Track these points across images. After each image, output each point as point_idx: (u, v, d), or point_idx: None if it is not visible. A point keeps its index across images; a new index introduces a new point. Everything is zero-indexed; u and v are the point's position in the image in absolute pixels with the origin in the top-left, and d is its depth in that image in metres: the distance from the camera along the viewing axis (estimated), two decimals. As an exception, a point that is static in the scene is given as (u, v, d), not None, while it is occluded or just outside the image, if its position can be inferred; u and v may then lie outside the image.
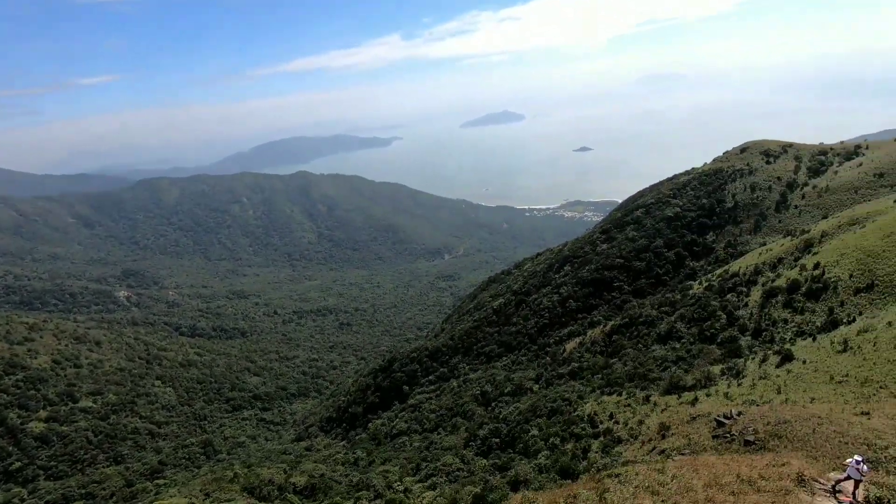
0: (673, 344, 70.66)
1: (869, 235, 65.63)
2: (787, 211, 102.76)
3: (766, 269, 74.70)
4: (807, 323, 58.63)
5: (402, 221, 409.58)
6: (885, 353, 40.51)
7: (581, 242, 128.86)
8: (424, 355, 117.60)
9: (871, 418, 29.05)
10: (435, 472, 55.72)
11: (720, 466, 17.58)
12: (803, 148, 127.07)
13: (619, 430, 46.20)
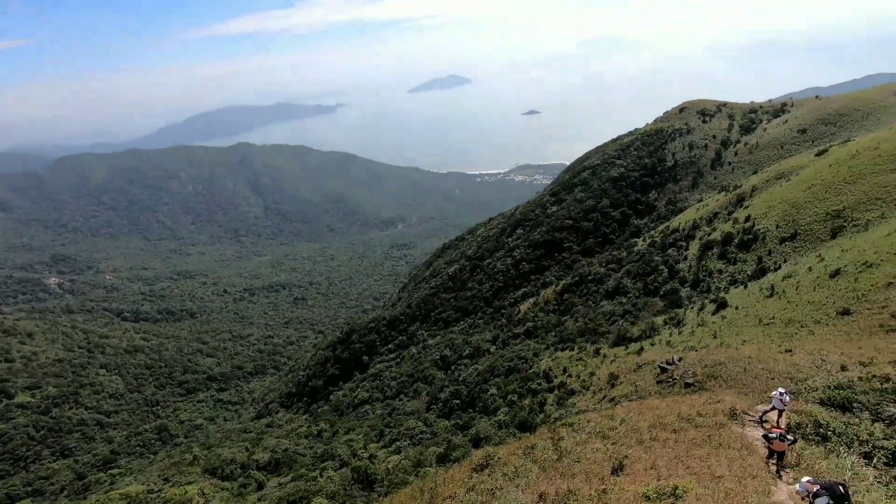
0: (620, 299, 74.29)
1: (793, 188, 70.52)
2: (722, 167, 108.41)
3: (703, 224, 79.09)
4: (739, 272, 63.00)
5: (353, 192, 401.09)
6: (805, 295, 44.31)
7: (532, 206, 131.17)
8: (382, 325, 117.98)
9: (794, 355, 31.95)
10: (399, 437, 56.94)
11: (663, 408, 18.88)
12: (736, 107, 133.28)
13: (572, 383, 48.64)
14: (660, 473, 11.85)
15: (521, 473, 16.33)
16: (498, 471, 17.87)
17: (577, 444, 17.17)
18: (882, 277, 39.18)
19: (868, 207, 57.25)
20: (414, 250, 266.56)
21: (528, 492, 14.00)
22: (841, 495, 7.51)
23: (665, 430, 15.83)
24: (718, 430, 14.78)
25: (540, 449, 18.52)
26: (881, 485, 10.84)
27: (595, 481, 12.55)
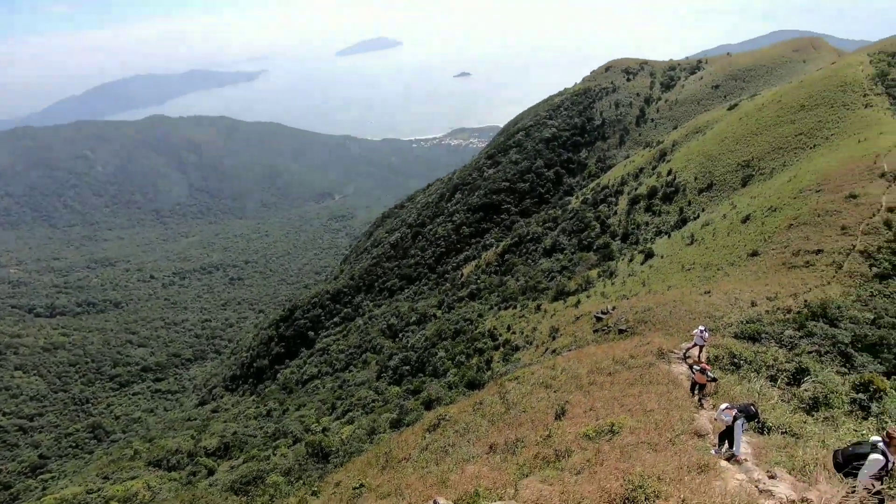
0: (557, 256, 77.34)
1: (708, 141, 75.33)
2: (646, 124, 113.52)
3: (630, 179, 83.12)
4: (663, 223, 67.25)
5: (285, 164, 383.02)
6: (720, 240, 48.18)
7: (469, 170, 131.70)
8: (326, 299, 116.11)
9: (712, 295, 34.93)
10: (351, 408, 57.21)
11: (599, 354, 20.12)
12: (657, 65, 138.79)
13: (516, 339, 50.64)
14: (598, 414, 12.71)
15: (471, 428, 16.97)
16: (450, 429, 18.47)
17: (523, 395, 18.01)
18: (784, 220, 43.25)
19: (772, 157, 62.40)
20: (353, 221, 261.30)
21: (479, 444, 14.59)
22: (753, 414, 8.41)
23: (602, 374, 16.91)
24: (648, 370, 16.00)
25: (488, 404, 19.29)
26: (783, 402, 12.29)
27: (540, 428, 13.26)
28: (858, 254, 35.08)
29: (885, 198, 39.41)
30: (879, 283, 32.37)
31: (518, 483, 9.29)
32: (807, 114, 65.25)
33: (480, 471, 11.37)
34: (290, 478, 35.42)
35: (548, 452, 10.91)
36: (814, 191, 44.84)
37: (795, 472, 7.67)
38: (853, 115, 60.73)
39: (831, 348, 22.54)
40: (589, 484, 8.01)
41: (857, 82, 66.29)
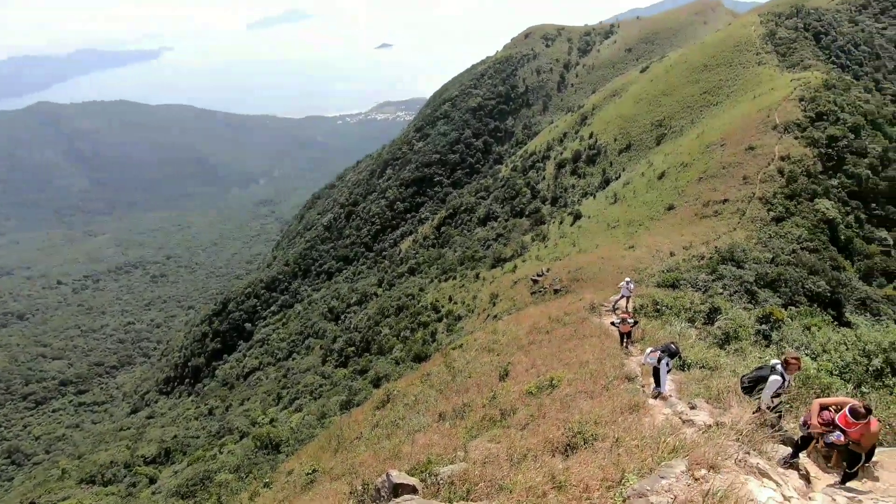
0: (492, 224, 78.88)
1: (624, 103, 78.89)
2: (567, 89, 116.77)
3: (555, 145, 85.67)
4: (588, 185, 70.30)
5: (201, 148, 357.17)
6: (640, 197, 51.20)
7: (398, 144, 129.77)
8: (261, 288, 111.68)
9: (635, 250, 37.30)
10: (298, 395, 56.16)
11: (537, 314, 20.95)
12: (573, 30, 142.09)
13: (458, 309, 51.55)
14: (539, 371, 13.30)
15: (420, 400, 17.20)
16: (399, 403, 18.63)
17: (468, 362, 18.46)
18: (695, 174, 46.63)
19: (681, 115, 66.58)
20: (282, 205, 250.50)
21: (429, 414, 14.85)
22: (674, 352, 9.14)
23: (540, 333, 17.65)
24: (582, 324, 16.90)
25: (435, 374, 19.62)
26: (700, 340, 13.50)
27: (486, 390, 13.69)
28: (758, 200, 38.69)
29: (777, 147, 43.44)
30: (776, 226, 36.02)
31: (467, 445, 9.57)
32: (709, 73, 69.91)
33: (431, 439, 11.60)
34: (240, 474, 34.46)
35: (494, 413, 11.30)
36: (718, 145, 48.54)
37: (712, 401, 8.49)
38: (748, 72, 65.83)
39: (739, 287, 24.94)
40: (533, 437, 8.39)
41: (750, 42, 71.68)
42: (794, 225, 35.63)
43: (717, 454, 5.02)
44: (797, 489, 5.30)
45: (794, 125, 45.53)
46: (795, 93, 50.29)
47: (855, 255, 36.48)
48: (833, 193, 39.55)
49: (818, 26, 77.87)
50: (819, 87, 50.74)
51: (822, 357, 11.05)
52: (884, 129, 48.44)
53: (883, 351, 10.36)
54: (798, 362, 7.20)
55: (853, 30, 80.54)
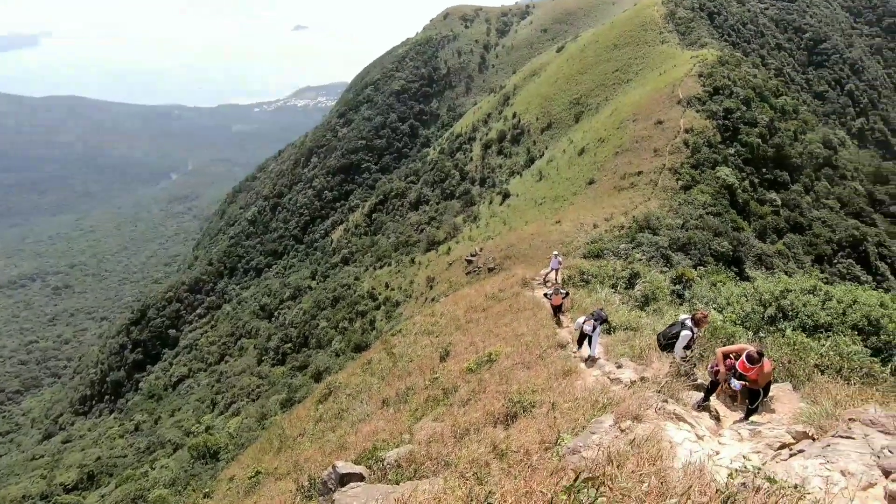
0: (424, 208, 78.91)
1: (544, 83, 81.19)
2: (488, 70, 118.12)
3: (480, 126, 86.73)
4: (514, 164, 72.05)
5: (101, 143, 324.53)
6: (563, 173, 53.32)
7: (322, 131, 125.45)
8: (183, 291, 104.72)
9: (562, 224, 38.92)
10: (235, 399, 53.80)
11: (473, 294, 21.38)
12: (491, 11, 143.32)
13: (395, 295, 51.44)
14: (477, 347, 13.64)
15: (363, 389, 17.09)
16: (341, 395, 18.40)
17: (408, 346, 18.54)
18: (611, 148, 49.19)
19: (596, 93, 69.68)
20: (199, 201, 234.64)
21: (372, 402, 14.81)
22: (603, 317, 9.75)
23: (477, 312, 18.06)
24: (516, 299, 17.48)
25: (376, 362, 19.54)
26: (623, 304, 14.47)
27: (427, 372, 13.85)
28: (668, 171, 41.61)
29: (682, 121, 46.79)
30: (684, 194, 39.01)
31: (412, 427, 9.68)
32: (619, 52, 73.51)
33: (376, 426, 11.61)
34: (177, 488, 32.64)
35: (436, 393, 11.48)
36: (631, 120, 51.44)
37: (636, 359, 9.17)
38: (654, 50, 69.98)
39: (655, 253, 26.86)
40: (475, 411, 8.63)
41: (654, 22, 76.07)
42: (699, 192, 38.78)
43: (640, 406, 5.46)
44: (709, 428, 5.90)
45: (695, 99, 49.21)
46: (695, 69, 54.25)
47: (751, 216, 40.45)
48: (731, 161, 43.41)
49: (711, 7, 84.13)
50: (715, 64, 55.07)
51: (727, 309, 12.23)
52: (769, 100, 53.66)
53: (775, 299, 11.65)
54: (706, 318, 7.98)
55: (741, 10, 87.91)
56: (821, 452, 4.11)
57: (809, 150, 50.95)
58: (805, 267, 36.41)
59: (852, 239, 42.84)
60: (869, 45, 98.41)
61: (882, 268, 42.74)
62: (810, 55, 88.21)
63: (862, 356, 8.65)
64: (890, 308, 11.11)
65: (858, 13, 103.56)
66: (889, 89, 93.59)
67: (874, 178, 55.86)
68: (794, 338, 9.09)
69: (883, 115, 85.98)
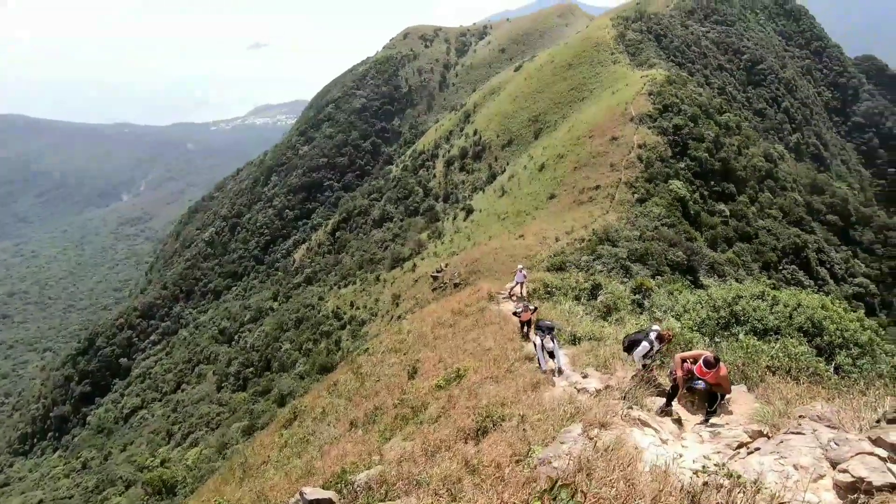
0: (388, 225, 78.62)
1: (503, 101, 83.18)
2: (448, 89, 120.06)
3: (442, 143, 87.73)
4: (477, 180, 73.07)
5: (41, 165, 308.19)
6: (525, 189, 54.45)
7: (282, 149, 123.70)
8: (135, 317, 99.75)
9: (525, 238, 39.63)
10: (193, 429, 51.29)
11: (439, 310, 21.34)
12: (450, 31, 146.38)
13: (361, 314, 50.73)
14: (446, 364, 13.59)
15: (329, 412, 16.66)
16: (307, 418, 17.86)
17: (375, 365, 18.25)
18: (570, 164, 50.71)
19: (554, 111, 71.93)
20: (153, 222, 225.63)
21: (340, 425, 14.45)
22: (547, 326, 9.97)
23: (444, 327, 18.02)
24: (482, 313, 17.58)
25: (343, 383, 19.10)
26: (587, 315, 14.80)
27: (396, 391, 13.66)
28: (624, 185, 43.19)
29: (635, 137, 48.84)
30: (640, 206, 40.55)
31: (382, 448, 9.50)
32: (574, 71, 76.36)
33: (345, 448, 11.32)
34: (130, 527, 30.69)
35: (406, 411, 11.34)
36: (587, 137, 53.29)
37: (601, 368, 9.38)
38: (606, 70, 73.09)
39: (615, 264, 27.70)
40: (445, 428, 8.58)
41: (605, 43, 79.61)
42: (654, 204, 40.43)
43: (606, 413, 5.59)
44: (672, 432, 6.10)
45: (646, 117, 51.57)
46: (645, 88, 56.96)
47: (702, 227, 42.43)
48: (682, 175, 45.56)
49: (658, 29, 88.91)
50: (663, 83, 58.01)
51: (684, 316, 12.73)
52: (714, 117, 56.86)
53: (728, 305, 12.22)
54: (670, 339, 8.40)
55: (685, 33, 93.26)
56: (775, 449, 4.33)
57: (752, 164, 54.12)
58: (754, 274, 38.37)
59: (795, 246, 45.57)
60: (800, 67, 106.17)
61: (822, 272, 45.57)
62: (749, 75, 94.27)
63: (808, 356, 9.17)
64: (830, 310, 11.85)
65: (789, 37, 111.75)
66: (819, 107, 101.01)
67: (811, 189, 59.83)
68: (746, 341, 9.55)
69: (815, 130, 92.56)
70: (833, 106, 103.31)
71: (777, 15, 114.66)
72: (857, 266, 51.20)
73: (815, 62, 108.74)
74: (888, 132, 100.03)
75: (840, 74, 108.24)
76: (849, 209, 58.19)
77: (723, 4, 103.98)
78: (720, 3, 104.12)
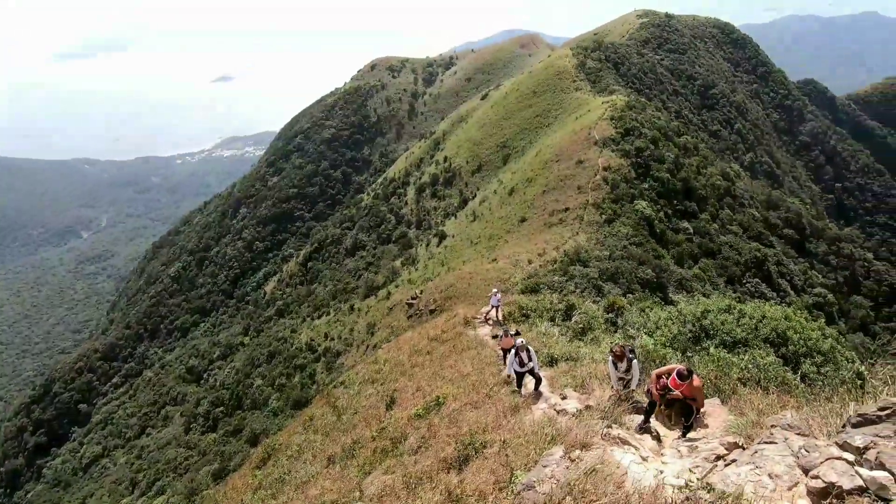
0: (361, 253, 78.08)
1: (471, 128, 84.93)
2: (417, 117, 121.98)
3: (413, 170, 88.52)
4: (449, 206, 73.72)
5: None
6: (496, 213, 55.19)
7: (250, 181, 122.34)
8: (96, 359, 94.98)
9: (498, 262, 39.94)
10: (159, 476, 48.52)
11: (416, 338, 21.16)
12: (416, 62, 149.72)
13: (336, 345, 49.70)
14: (424, 392, 13.41)
15: (305, 448, 16.10)
16: (282, 457, 17.19)
17: (352, 397, 17.84)
18: (539, 188, 51.81)
19: (521, 136, 73.79)
20: (115, 260, 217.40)
21: (317, 461, 13.97)
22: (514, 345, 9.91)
23: (421, 355, 17.84)
24: (459, 339, 17.51)
25: (319, 417, 18.54)
26: (562, 335, 14.93)
27: (374, 423, 13.35)
28: (592, 206, 44.32)
29: (600, 160, 50.45)
30: (608, 227, 41.59)
31: (362, 483, 9.23)
32: (539, 98, 78.89)
33: (323, 486, 10.94)
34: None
35: (385, 444, 11.08)
36: (554, 161, 54.74)
37: (578, 389, 9.43)
38: (569, 97, 75.79)
39: (587, 284, 28.16)
40: (427, 458, 8.41)
41: (567, 71, 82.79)
42: (621, 224, 41.55)
43: (587, 434, 5.61)
44: (651, 449, 6.15)
45: (610, 140, 53.47)
46: (607, 113, 59.24)
47: (668, 245, 43.74)
48: (646, 195, 47.13)
49: (616, 58, 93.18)
50: (624, 108, 60.49)
51: (657, 333, 12.97)
52: (673, 139, 59.41)
53: (697, 320, 12.54)
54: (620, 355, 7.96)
55: (641, 60, 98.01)
56: (750, 459, 4.42)
57: (712, 183, 56.50)
58: (720, 288, 39.59)
59: (756, 260, 47.36)
60: (749, 91, 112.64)
61: (783, 284, 47.39)
62: (703, 99, 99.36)
63: (776, 367, 9.46)
64: (794, 321, 12.31)
65: (737, 63, 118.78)
66: (769, 127, 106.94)
67: (767, 205, 62.66)
68: (717, 354, 9.79)
69: (767, 149, 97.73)
70: (781, 126, 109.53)
71: (724, 43, 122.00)
72: (815, 277, 53.50)
73: (762, 86, 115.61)
74: (832, 149, 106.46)
75: (785, 97, 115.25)
76: (803, 223, 61.12)
77: (674, 34, 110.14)
78: (672, 32, 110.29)
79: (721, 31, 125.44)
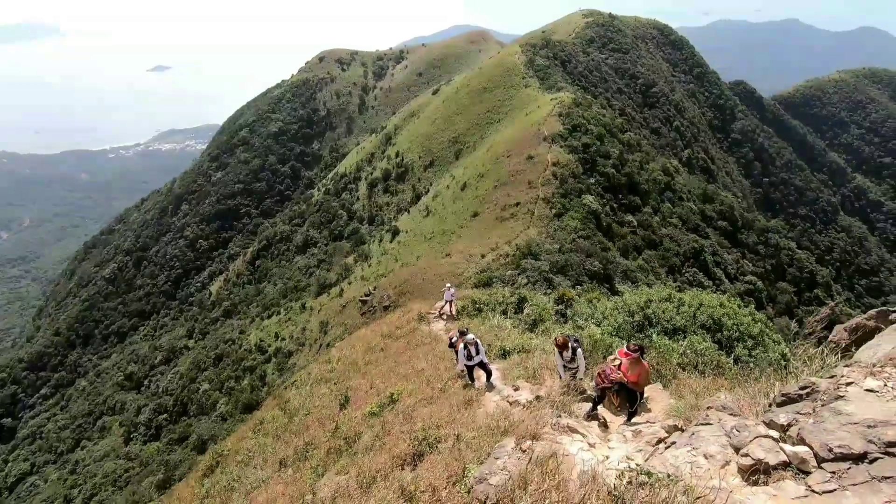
0: (312, 250, 76.27)
1: (423, 123, 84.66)
2: (368, 111, 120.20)
3: (365, 165, 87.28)
4: (401, 201, 73.30)
5: None
6: (449, 208, 55.40)
7: (192, 176, 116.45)
8: (20, 370, 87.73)
9: (452, 257, 40.16)
10: (96, 491, 45.63)
11: (370, 335, 20.94)
12: (366, 55, 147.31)
13: (287, 345, 48.41)
14: (378, 389, 13.29)
15: (256, 453, 15.59)
16: (231, 463, 16.58)
17: (304, 398, 17.43)
18: (490, 183, 52.42)
19: (472, 132, 74.33)
20: (40, 262, 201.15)
21: (268, 466, 13.57)
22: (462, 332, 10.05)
23: (375, 352, 17.67)
24: (413, 334, 17.47)
25: (270, 420, 17.99)
26: (514, 328, 15.21)
27: (327, 423, 13.11)
28: (542, 201, 45.34)
29: (549, 156, 51.64)
30: (558, 221, 42.71)
31: (315, 486, 9.05)
32: (489, 94, 79.66)
33: (274, 491, 10.64)
34: None
35: (338, 444, 10.90)
36: (505, 156, 55.52)
37: (530, 379, 9.63)
38: (519, 93, 76.99)
39: (539, 277, 28.82)
40: (380, 456, 8.35)
41: (517, 68, 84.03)
42: (570, 218, 42.79)
43: (537, 424, 5.73)
44: (598, 435, 6.38)
45: (558, 136, 54.83)
46: (555, 110, 60.67)
47: (614, 237, 45.50)
48: (593, 189, 48.75)
49: (563, 56, 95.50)
50: (571, 105, 62.16)
51: (604, 323, 13.47)
52: (618, 136, 61.72)
53: (641, 309, 13.12)
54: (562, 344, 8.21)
55: (587, 59, 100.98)
56: (688, 441, 4.67)
57: (653, 177, 59.19)
58: (661, 278, 41.64)
59: (694, 251, 50.15)
60: (686, 90, 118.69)
61: (718, 273, 50.46)
62: (644, 98, 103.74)
63: (711, 351, 10.05)
64: (727, 307, 13.12)
65: (675, 64, 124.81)
66: (704, 125, 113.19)
67: (703, 199, 66.42)
68: (658, 342, 10.28)
69: (703, 146, 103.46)
70: (715, 124, 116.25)
71: (663, 44, 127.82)
72: (746, 265, 57.36)
73: (698, 86, 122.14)
74: (760, 146, 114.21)
75: (718, 97, 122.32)
76: (735, 215, 65.30)
77: (618, 34, 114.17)
78: (615, 32, 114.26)
79: (661, 32, 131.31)
